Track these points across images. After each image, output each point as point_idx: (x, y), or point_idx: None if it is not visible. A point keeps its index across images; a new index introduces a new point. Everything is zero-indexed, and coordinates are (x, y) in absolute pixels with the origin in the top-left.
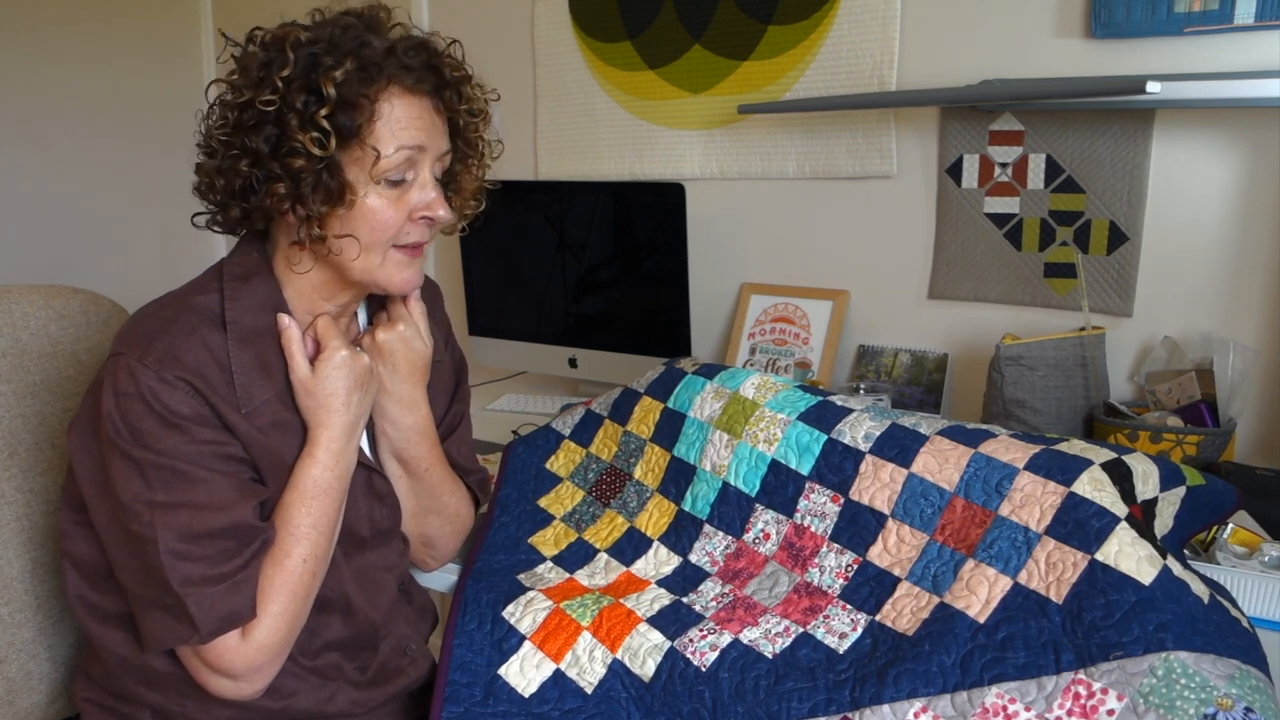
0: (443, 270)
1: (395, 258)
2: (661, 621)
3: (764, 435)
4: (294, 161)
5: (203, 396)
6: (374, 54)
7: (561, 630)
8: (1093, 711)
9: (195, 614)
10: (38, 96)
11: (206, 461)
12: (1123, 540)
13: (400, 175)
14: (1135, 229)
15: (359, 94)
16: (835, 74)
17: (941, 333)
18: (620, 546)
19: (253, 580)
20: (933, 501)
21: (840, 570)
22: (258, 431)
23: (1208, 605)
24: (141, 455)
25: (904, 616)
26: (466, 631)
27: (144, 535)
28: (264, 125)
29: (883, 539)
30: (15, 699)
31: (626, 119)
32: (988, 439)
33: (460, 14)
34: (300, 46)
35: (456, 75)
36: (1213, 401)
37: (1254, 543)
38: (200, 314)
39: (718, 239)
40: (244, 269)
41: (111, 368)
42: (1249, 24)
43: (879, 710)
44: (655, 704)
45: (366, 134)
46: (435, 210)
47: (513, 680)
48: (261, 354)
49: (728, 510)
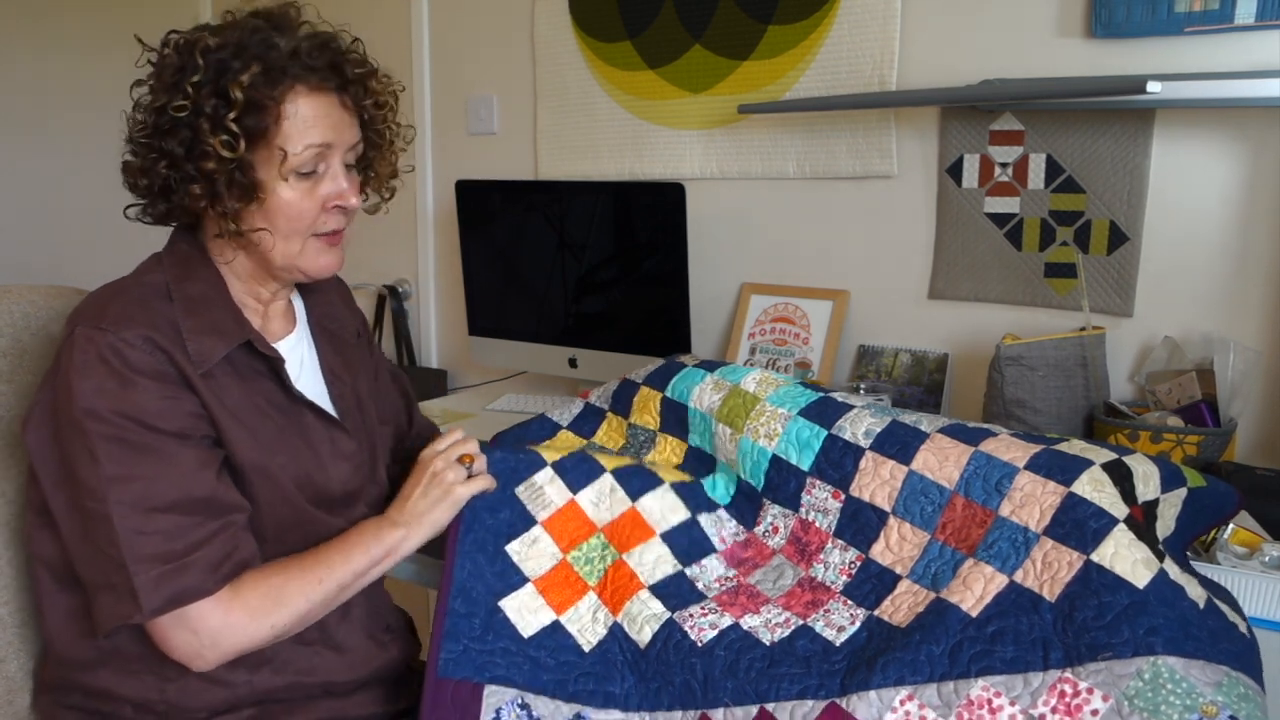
0: (443, 270)
1: (314, 245)
2: (663, 592)
3: (764, 430)
4: (206, 164)
5: (163, 351)
6: (278, 57)
7: (568, 585)
8: (1077, 710)
9: (139, 590)
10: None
11: (165, 422)
12: (1120, 542)
13: (311, 168)
14: (1135, 229)
15: (265, 97)
16: (835, 74)
17: (942, 333)
18: (628, 474)
19: (211, 558)
20: (933, 499)
21: (844, 567)
22: (220, 389)
23: (1203, 610)
24: (96, 428)
25: (900, 612)
26: (467, 553)
27: (98, 511)
28: (178, 129)
29: (884, 536)
30: (15, 698)
31: (626, 119)
32: (988, 438)
33: (460, 14)
34: (209, 52)
35: (359, 72)
36: (1213, 401)
37: (1254, 543)
38: (146, 288)
39: (718, 239)
40: (180, 256)
41: (68, 344)
42: (1249, 24)
43: (866, 696)
44: (649, 671)
45: (274, 134)
46: (347, 199)
47: (512, 616)
48: (210, 319)
49: (742, 501)
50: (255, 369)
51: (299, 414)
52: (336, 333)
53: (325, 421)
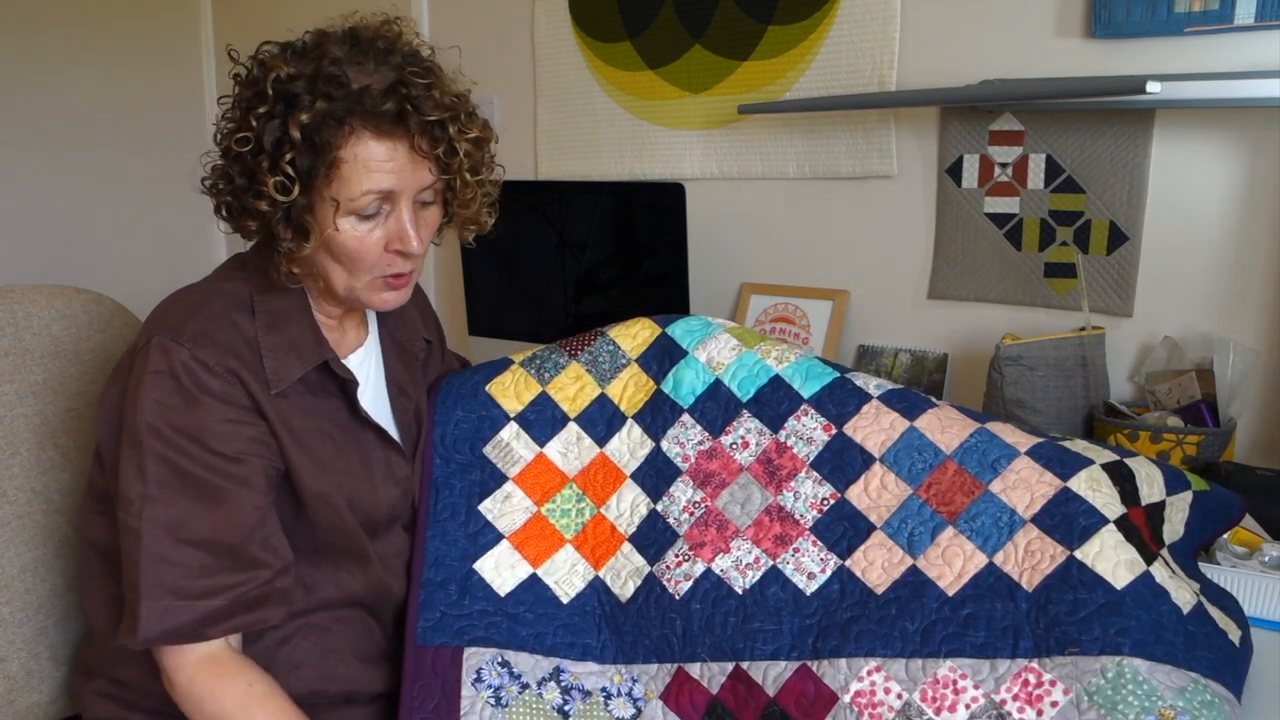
0: (443, 270)
1: (377, 283)
2: (641, 540)
3: (776, 354)
4: (260, 204)
5: (235, 375)
6: (344, 96)
7: (543, 538)
8: (1037, 700)
9: (142, 615)
10: (41, 99)
11: (223, 445)
12: (1106, 542)
13: (372, 211)
14: (1135, 229)
15: (325, 139)
16: (835, 74)
17: (941, 333)
18: (591, 416)
19: (218, 609)
20: (925, 459)
21: (815, 501)
22: (288, 411)
23: (1187, 615)
24: (151, 444)
25: (874, 568)
26: (439, 521)
27: (130, 525)
28: (241, 159)
29: (865, 480)
30: (16, 697)
31: (626, 119)
32: (996, 421)
33: (460, 14)
34: (280, 83)
35: (433, 119)
36: (1213, 401)
37: (1254, 543)
38: (228, 298)
39: (718, 239)
40: (264, 264)
41: (145, 351)
42: (1249, 24)
43: (836, 663)
44: (626, 624)
45: (334, 176)
46: (408, 245)
47: (488, 576)
48: (290, 336)
49: (713, 408)
50: (327, 388)
51: (361, 434)
52: (406, 346)
53: (385, 443)
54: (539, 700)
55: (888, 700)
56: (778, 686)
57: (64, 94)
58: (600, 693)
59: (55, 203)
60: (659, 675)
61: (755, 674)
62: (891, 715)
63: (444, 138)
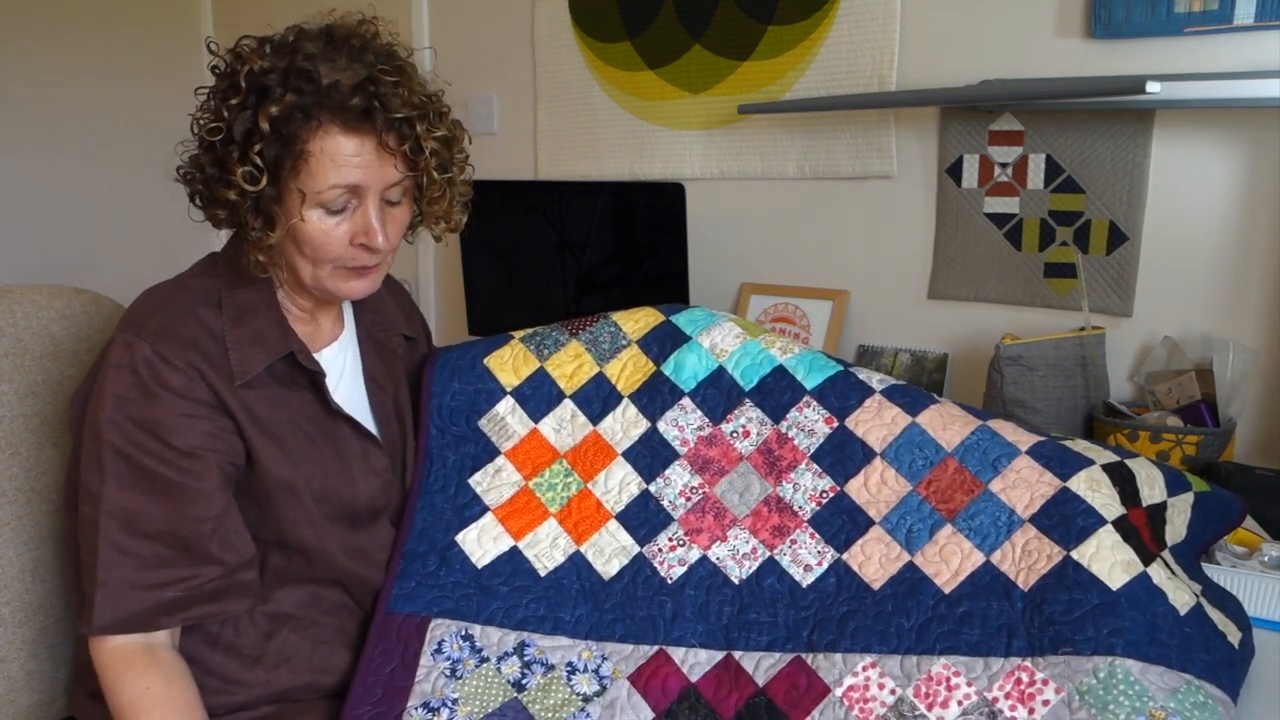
0: (443, 270)
1: (341, 272)
2: (631, 519)
3: (780, 345)
4: (229, 193)
5: (196, 369)
6: (313, 91)
7: (528, 511)
8: (1030, 698)
9: (98, 605)
10: (41, 100)
11: (179, 439)
12: (1103, 543)
13: (339, 205)
14: (1135, 229)
15: (292, 132)
16: (835, 74)
17: (941, 333)
18: (587, 394)
19: (170, 600)
20: (926, 455)
21: (815, 494)
22: (254, 402)
23: (1184, 617)
24: (110, 437)
25: (872, 563)
26: (429, 494)
27: (89, 517)
28: (212, 149)
29: (865, 474)
30: (16, 697)
31: (626, 119)
32: (997, 419)
33: (460, 14)
34: (254, 75)
35: (401, 116)
36: (1212, 401)
37: (1254, 543)
38: (196, 294)
39: (718, 239)
40: (234, 259)
41: (110, 347)
42: (1249, 24)
43: (831, 657)
44: (608, 602)
45: (301, 169)
46: (373, 240)
47: (468, 548)
48: (255, 329)
49: (715, 394)
50: (296, 380)
51: (335, 427)
52: (384, 341)
53: (360, 435)
54: (496, 674)
55: (880, 696)
56: (769, 677)
57: (64, 95)
58: (565, 667)
59: (55, 203)
60: (633, 656)
61: (747, 664)
62: (883, 711)
63: (411, 135)
